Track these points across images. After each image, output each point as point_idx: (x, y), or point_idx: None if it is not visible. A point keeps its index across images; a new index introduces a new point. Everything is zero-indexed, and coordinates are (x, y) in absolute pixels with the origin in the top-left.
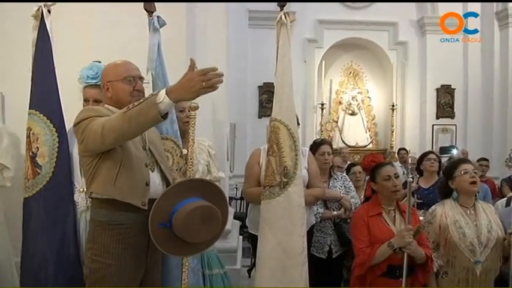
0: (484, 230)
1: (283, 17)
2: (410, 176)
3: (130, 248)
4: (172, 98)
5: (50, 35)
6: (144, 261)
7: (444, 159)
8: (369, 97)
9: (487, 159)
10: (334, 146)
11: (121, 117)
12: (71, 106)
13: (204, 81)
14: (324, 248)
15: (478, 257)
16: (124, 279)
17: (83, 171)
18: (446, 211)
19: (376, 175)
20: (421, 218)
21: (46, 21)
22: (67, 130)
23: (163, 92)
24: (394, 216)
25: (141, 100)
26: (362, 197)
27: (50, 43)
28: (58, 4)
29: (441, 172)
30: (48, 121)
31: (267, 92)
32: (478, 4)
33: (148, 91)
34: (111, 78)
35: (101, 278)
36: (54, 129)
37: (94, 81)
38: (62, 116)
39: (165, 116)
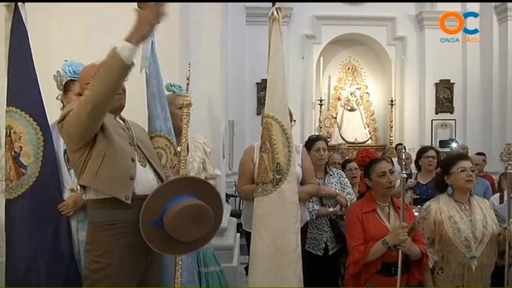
0: (479, 225)
1: (275, 12)
2: (404, 172)
3: (129, 247)
4: (134, 42)
5: (26, 27)
6: (143, 259)
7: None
8: (367, 93)
9: (484, 154)
10: (333, 142)
11: (91, 85)
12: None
13: (151, 12)
14: (320, 245)
15: (474, 252)
16: (124, 278)
17: (74, 168)
18: (441, 207)
19: (371, 171)
20: (416, 213)
21: (21, 12)
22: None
23: (122, 41)
24: (389, 212)
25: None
26: (357, 193)
27: (27, 36)
28: (50, 3)
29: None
30: (31, 119)
31: (265, 88)
32: None
33: (136, 89)
34: (90, 80)
35: (102, 278)
36: (38, 128)
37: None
38: (45, 113)
39: (132, 64)
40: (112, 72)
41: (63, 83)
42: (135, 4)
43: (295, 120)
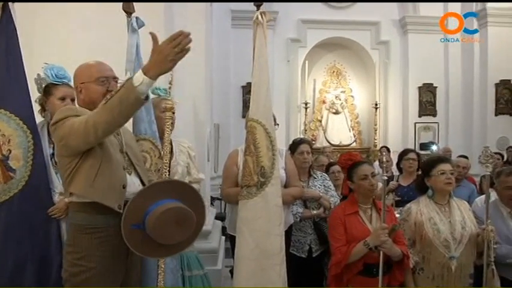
0: (458, 226)
1: (259, 16)
2: (385, 174)
3: (110, 251)
4: (152, 76)
5: (16, 26)
6: (124, 262)
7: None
8: (352, 96)
9: (466, 157)
10: (318, 145)
11: (102, 110)
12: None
13: (175, 47)
14: (304, 248)
15: (453, 252)
16: (105, 282)
17: (61, 173)
18: (421, 208)
19: (353, 174)
20: (397, 215)
21: (11, 10)
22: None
23: (140, 73)
24: (371, 214)
25: (119, 87)
26: (339, 195)
27: (17, 36)
28: (34, 4)
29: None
30: (21, 122)
31: (250, 92)
32: (458, 4)
33: None
34: (84, 80)
35: (82, 281)
36: (29, 131)
37: (61, 80)
38: (34, 116)
39: (147, 98)
40: (127, 106)
41: (43, 86)
42: (119, 5)
43: (278, 124)
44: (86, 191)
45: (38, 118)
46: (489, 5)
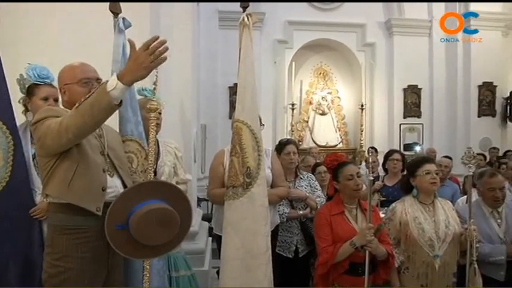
0: (442, 226)
1: (245, 18)
2: (371, 175)
3: (90, 252)
4: (126, 82)
5: None
6: (105, 263)
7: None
8: (338, 97)
9: (450, 157)
10: (305, 146)
11: (75, 113)
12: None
13: (150, 54)
14: (291, 248)
15: (437, 251)
16: (84, 283)
17: (40, 172)
18: (406, 208)
19: (339, 174)
20: (382, 215)
21: None
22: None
23: (114, 78)
24: (356, 214)
25: (92, 91)
26: (325, 195)
27: None
28: (17, 3)
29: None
30: (1, 123)
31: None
32: (442, 5)
33: None
34: (68, 81)
35: (61, 282)
36: (8, 131)
37: (43, 80)
38: (14, 116)
39: (120, 104)
40: (99, 111)
41: (26, 86)
42: (106, 5)
43: (263, 125)
44: (62, 193)
45: (22, 119)
46: (471, 8)
